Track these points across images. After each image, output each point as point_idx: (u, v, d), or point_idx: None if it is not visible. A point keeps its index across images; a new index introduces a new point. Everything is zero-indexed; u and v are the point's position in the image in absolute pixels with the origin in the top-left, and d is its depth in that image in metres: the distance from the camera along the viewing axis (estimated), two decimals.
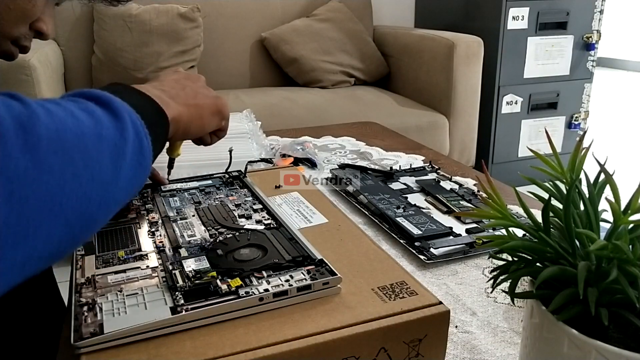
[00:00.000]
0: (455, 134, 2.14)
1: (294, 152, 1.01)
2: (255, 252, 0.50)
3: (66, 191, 0.33)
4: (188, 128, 0.54)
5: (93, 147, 0.36)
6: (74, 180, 0.34)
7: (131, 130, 0.40)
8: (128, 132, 0.39)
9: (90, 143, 0.36)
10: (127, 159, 0.38)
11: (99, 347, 0.39)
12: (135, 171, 0.40)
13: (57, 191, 0.33)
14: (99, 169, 0.36)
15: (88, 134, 0.36)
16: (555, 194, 0.39)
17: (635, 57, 5.62)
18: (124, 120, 0.39)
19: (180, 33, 2.09)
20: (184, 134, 0.55)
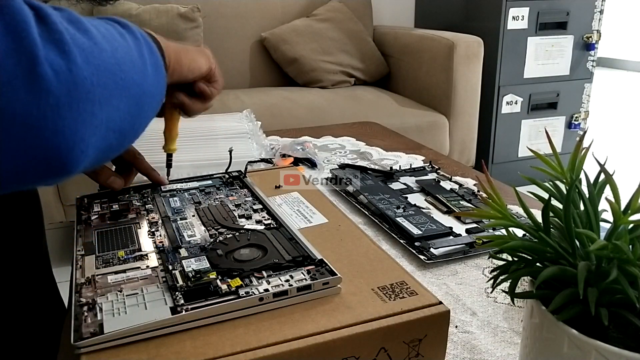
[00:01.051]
0: (455, 134, 2.14)
1: (294, 152, 1.01)
2: (255, 252, 0.50)
3: (123, 68, 0.40)
4: (179, 60, 0.56)
5: (123, 44, 0.42)
6: (124, 64, 0.40)
7: (145, 47, 0.46)
8: (143, 46, 0.45)
9: (120, 40, 0.41)
10: (149, 65, 0.45)
11: (99, 347, 0.39)
12: (156, 78, 0.46)
13: (116, 68, 0.39)
14: (133, 61, 0.42)
15: (124, 56, 0.41)
16: (555, 194, 0.39)
17: (635, 57, 5.62)
18: (138, 38, 0.45)
19: (180, 33, 2.09)
20: (177, 65, 0.56)
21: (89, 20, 0.40)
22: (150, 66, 0.45)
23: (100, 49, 0.38)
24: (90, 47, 0.37)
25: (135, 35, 0.46)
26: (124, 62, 0.41)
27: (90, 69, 0.36)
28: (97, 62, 0.37)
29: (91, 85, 0.36)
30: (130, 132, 0.44)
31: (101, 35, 0.39)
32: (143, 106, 0.44)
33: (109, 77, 0.38)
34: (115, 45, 0.40)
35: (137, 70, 0.43)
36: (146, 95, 0.45)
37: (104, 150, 0.41)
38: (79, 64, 0.35)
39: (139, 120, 0.45)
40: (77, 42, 0.36)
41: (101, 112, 0.38)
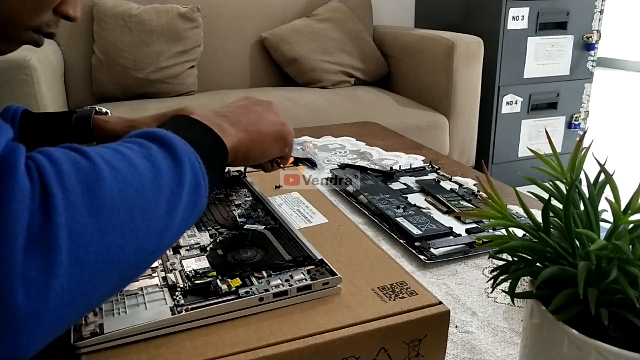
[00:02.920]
0: (455, 134, 2.14)
1: (294, 152, 1.01)
2: (255, 252, 0.50)
3: (125, 248, 0.35)
4: (247, 154, 0.53)
5: (151, 199, 0.37)
6: (132, 236, 0.35)
7: (189, 174, 0.40)
8: (186, 176, 0.40)
9: (149, 195, 0.37)
10: (183, 202, 0.39)
11: (99, 347, 0.39)
12: (190, 212, 0.40)
13: (117, 250, 0.34)
14: (156, 220, 0.37)
15: (147, 187, 0.37)
16: (555, 194, 0.39)
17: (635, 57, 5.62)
18: (183, 164, 0.40)
19: (180, 33, 2.09)
20: (244, 160, 0.54)
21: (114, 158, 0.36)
22: (182, 212, 0.40)
23: (103, 232, 0.33)
24: (89, 235, 0.33)
25: (178, 159, 0.40)
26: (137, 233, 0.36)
27: (75, 272, 0.32)
28: (90, 257, 0.33)
29: (69, 292, 0.32)
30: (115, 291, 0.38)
31: (117, 194, 0.35)
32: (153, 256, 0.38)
33: (102, 265, 0.33)
34: (129, 213, 0.35)
35: (155, 231, 0.37)
36: (162, 247, 0.39)
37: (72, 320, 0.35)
38: (61, 274, 0.31)
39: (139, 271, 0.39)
40: (74, 234, 0.32)
41: (74, 310, 0.33)
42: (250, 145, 0.53)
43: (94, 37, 2.09)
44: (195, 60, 2.16)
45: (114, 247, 0.34)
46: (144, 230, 0.36)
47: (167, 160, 0.40)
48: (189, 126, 0.46)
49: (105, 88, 2.08)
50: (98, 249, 0.33)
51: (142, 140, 0.40)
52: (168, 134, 0.42)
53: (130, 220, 0.35)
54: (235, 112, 0.54)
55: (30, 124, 0.68)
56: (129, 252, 0.35)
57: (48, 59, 1.84)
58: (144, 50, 2.05)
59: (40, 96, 1.66)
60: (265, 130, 0.55)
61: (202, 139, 0.46)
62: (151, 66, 2.05)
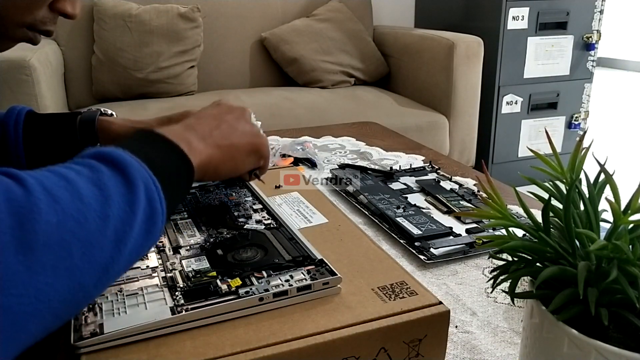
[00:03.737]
0: (455, 134, 2.14)
1: (294, 152, 1.01)
2: (255, 252, 0.50)
3: (57, 287, 0.32)
4: (218, 170, 0.51)
5: (95, 231, 0.34)
6: (68, 274, 0.32)
7: (143, 200, 0.38)
8: (139, 203, 0.37)
9: (92, 228, 0.34)
10: (135, 232, 0.37)
11: (99, 347, 0.39)
12: (143, 241, 0.38)
13: (47, 289, 0.31)
14: (99, 254, 0.34)
15: (92, 219, 0.34)
16: (555, 194, 0.39)
17: (635, 57, 5.62)
18: (137, 190, 0.37)
19: (180, 33, 2.09)
20: (215, 176, 0.52)
21: (56, 186, 0.33)
22: (133, 241, 0.37)
23: (32, 272, 0.30)
24: (13, 275, 0.30)
25: (132, 184, 0.37)
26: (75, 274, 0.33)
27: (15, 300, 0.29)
28: (12, 300, 0.30)
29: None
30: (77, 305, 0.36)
31: (53, 229, 0.32)
32: (96, 290, 0.36)
33: (29, 308, 0.31)
34: (66, 249, 0.32)
35: (98, 265, 0.35)
36: (106, 280, 0.36)
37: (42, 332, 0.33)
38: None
39: (80, 307, 0.36)
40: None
41: (8, 346, 0.30)
42: (221, 160, 0.51)
43: (94, 37, 2.09)
44: (195, 60, 2.16)
45: (43, 287, 0.31)
46: (84, 266, 0.33)
47: (119, 187, 0.37)
48: (151, 143, 0.44)
49: (105, 88, 2.08)
50: (23, 291, 0.30)
51: (94, 162, 0.38)
52: (124, 155, 0.39)
53: (67, 256, 0.32)
54: (205, 124, 0.52)
55: (35, 125, 0.68)
56: (63, 291, 0.32)
57: (48, 59, 1.84)
58: (144, 50, 2.05)
59: (40, 96, 1.66)
60: (237, 144, 0.53)
61: (165, 157, 0.43)
62: (151, 66, 2.05)
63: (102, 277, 0.35)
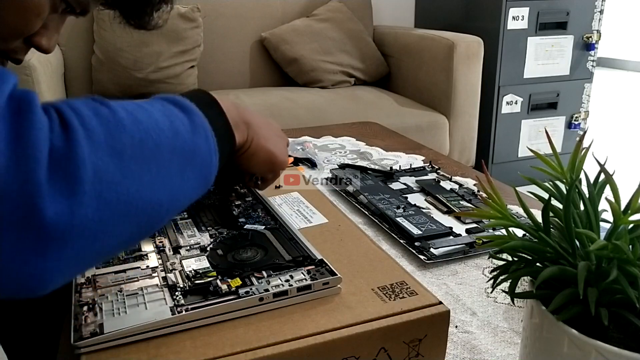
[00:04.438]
0: (455, 134, 2.14)
1: (294, 152, 1.01)
2: (256, 252, 0.50)
3: (142, 196, 0.35)
4: (240, 157, 0.54)
5: (167, 156, 0.38)
6: (150, 187, 0.36)
7: (204, 146, 0.41)
8: (201, 147, 0.41)
9: (165, 153, 0.37)
10: (195, 170, 0.40)
11: (99, 347, 0.39)
12: (199, 182, 0.41)
13: (136, 196, 0.35)
14: (169, 178, 0.38)
15: (165, 144, 0.37)
16: (555, 194, 0.39)
17: (635, 57, 5.62)
18: (199, 135, 0.41)
19: (180, 33, 2.09)
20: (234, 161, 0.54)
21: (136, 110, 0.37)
22: (193, 179, 0.40)
23: (124, 175, 0.34)
24: (111, 174, 0.33)
25: (196, 128, 0.41)
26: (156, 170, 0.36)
27: (97, 205, 0.32)
28: (111, 195, 0.33)
29: (92, 223, 0.32)
30: (133, 241, 0.39)
31: (137, 143, 0.35)
32: (167, 214, 0.39)
33: (122, 207, 0.34)
34: (147, 163, 0.36)
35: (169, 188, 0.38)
36: (175, 207, 0.40)
37: (86, 265, 0.36)
38: (85, 202, 0.32)
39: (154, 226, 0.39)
40: (97, 169, 0.32)
41: (95, 245, 0.34)
42: (246, 150, 0.53)
43: (94, 37, 2.09)
44: (195, 60, 2.16)
45: (133, 192, 0.34)
46: (160, 184, 0.37)
47: (186, 126, 0.40)
48: (208, 104, 0.46)
49: (105, 88, 2.08)
50: (120, 189, 0.33)
51: (164, 102, 0.41)
52: (190, 103, 0.42)
53: (148, 170, 0.36)
54: (253, 117, 0.54)
55: None
56: (147, 202, 0.36)
57: (48, 59, 1.84)
58: (144, 50, 2.05)
59: (40, 96, 1.65)
60: (265, 147, 0.55)
61: (218, 121, 0.46)
62: (151, 66, 2.05)
63: (171, 201, 0.38)
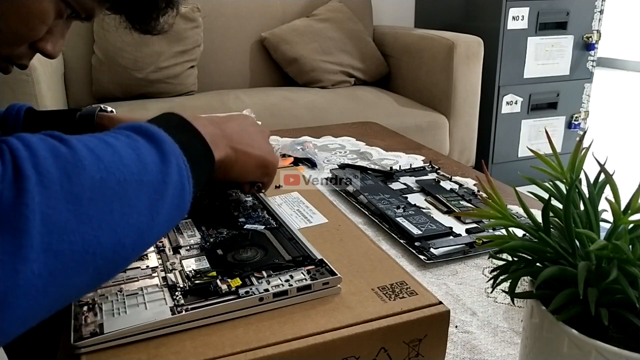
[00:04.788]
0: (455, 134, 2.14)
1: (294, 152, 1.01)
2: (255, 252, 0.50)
3: (101, 241, 0.33)
4: (228, 171, 0.53)
5: (133, 194, 0.36)
6: (111, 230, 0.34)
7: (175, 175, 0.39)
8: (171, 176, 0.39)
9: (131, 190, 0.35)
10: (166, 203, 0.38)
11: (99, 347, 0.39)
12: (172, 214, 0.39)
13: (93, 242, 0.33)
14: (136, 216, 0.36)
15: (131, 180, 0.36)
16: (555, 194, 0.39)
17: (635, 57, 5.62)
18: (170, 164, 0.39)
19: (180, 33, 2.09)
20: (223, 175, 0.53)
21: (98, 146, 0.35)
22: (165, 213, 0.38)
23: (80, 221, 0.32)
24: (64, 222, 0.31)
25: (165, 158, 0.39)
26: (114, 220, 0.34)
27: (46, 258, 0.30)
28: (63, 245, 0.31)
29: (40, 278, 0.30)
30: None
31: (97, 184, 0.33)
32: (133, 253, 0.37)
33: (77, 256, 0.32)
34: (109, 204, 0.34)
35: (135, 227, 0.36)
36: (142, 245, 0.38)
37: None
38: (31, 257, 0.30)
39: (117, 269, 0.37)
40: (48, 219, 0.30)
41: (45, 301, 0.31)
42: (234, 163, 0.52)
43: (94, 37, 2.09)
44: (195, 60, 2.16)
45: (91, 239, 0.32)
46: (124, 225, 0.35)
47: (154, 157, 0.38)
48: (178, 127, 0.45)
49: (105, 88, 2.08)
50: (73, 237, 0.32)
51: (130, 132, 0.39)
52: (158, 130, 0.40)
53: (109, 213, 0.34)
54: (229, 126, 0.53)
55: (34, 122, 0.68)
56: (107, 246, 0.34)
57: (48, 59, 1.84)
58: (144, 50, 2.05)
59: (40, 96, 1.66)
60: (252, 154, 0.55)
61: (192, 142, 0.44)
62: (151, 66, 2.05)
63: (138, 240, 0.36)
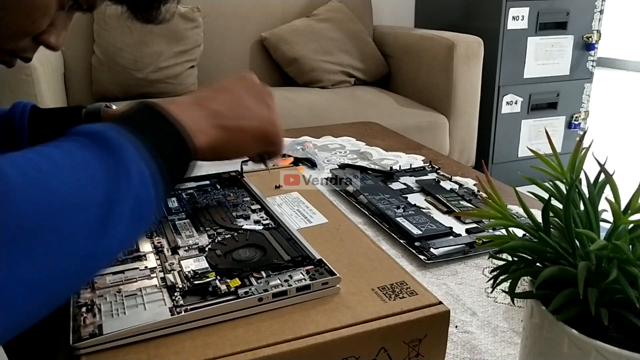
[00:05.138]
0: (455, 134, 2.14)
1: (294, 152, 1.01)
2: (254, 253, 0.50)
3: (36, 277, 0.30)
4: (221, 153, 0.49)
5: (75, 217, 0.32)
6: (47, 264, 0.31)
7: (134, 184, 0.36)
8: (129, 187, 0.35)
9: (72, 213, 0.32)
10: (122, 217, 0.35)
11: (98, 348, 0.38)
12: (131, 227, 0.36)
13: (9, 281, 0.29)
14: (81, 240, 0.33)
15: (73, 203, 0.32)
16: (555, 194, 0.39)
17: (635, 57, 5.62)
18: (127, 173, 0.36)
19: (180, 33, 2.09)
20: (218, 158, 0.50)
21: (38, 166, 0.32)
22: (121, 226, 0.35)
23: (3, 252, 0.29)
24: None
25: (122, 167, 0.36)
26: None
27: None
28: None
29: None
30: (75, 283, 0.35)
31: (29, 213, 0.30)
32: (78, 279, 0.35)
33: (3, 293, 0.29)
34: (40, 236, 0.31)
35: (78, 254, 0.33)
36: (91, 268, 0.35)
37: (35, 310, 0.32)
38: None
39: (69, 293, 0.35)
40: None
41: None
42: (225, 143, 0.48)
43: (94, 37, 2.09)
44: (195, 60, 2.16)
45: (19, 275, 0.29)
46: (62, 254, 0.31)
47: (106, 168, 0.35)
48: (149, 121, 0.42)
49: (105, 88, 2.08)
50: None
51: (84, 140, 0.36)
52: (117, 137, 0.37)
53: (42, 243, 0.30)
54: (218, 101, 0.49)
55: (41, 120, 0.68)
56: (43, 281, 0.31)
57: (48, 59, 1.84)
58: (144, 50, 2.05)
59: (40, 96, 1.66)
60: (246, 127, 0.50)
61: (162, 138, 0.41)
62: (151, 66, 2.05)
63: (85, 265, 0.34)
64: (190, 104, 0.47)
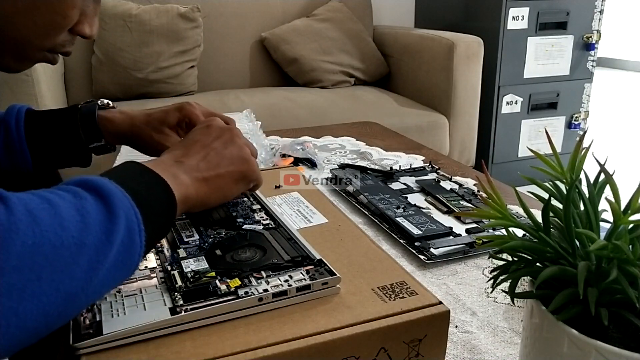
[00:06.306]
0: (455, 134, 2.14)
1: (294, 152, 1.01)
2: (254, 253, 0.50)
3: (19, 312, 0.31)
4: (205, 202, 0.51)
5: (70, 258, 0.34)
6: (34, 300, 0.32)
7: (122, 230, 0.38)
8: (117, 233, 0.37)
9: (67, 255, 0.34)
10: (108, 263, 0.37)
11: (98, 347, 0.38)
12: (116, 272, 0.38)
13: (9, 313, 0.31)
14: (69, 281, 0.34)
15: (68, 244, 0.34)
16: (555, 194, 0.39)
17: (635, 57, 5.62)
18: (117, 219, 0.38)
19: (180, 33, 2.09)
20: (202, 207, 0.52)
21: (39, 207, 0.34)
22: (106, 272, 0.37)
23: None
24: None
25: (113, 214, 0.37)
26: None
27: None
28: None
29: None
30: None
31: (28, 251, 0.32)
32: (59, 319, 0.35)
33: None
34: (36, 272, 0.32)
35: (64, 293, 0.34)
36: (72, 310, 0.36)
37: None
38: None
39: (50, 329, 0.35)
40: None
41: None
42: (208, 192, 0.51)
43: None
44: (195, 60, 2.16)
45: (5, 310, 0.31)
46: (51, 293, 0.33)
47: (100, 215, 0.37)
48: (136, 175, 0.44)
49: (105, 88, 2.08)
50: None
51: (78, 189, 0.38)
52: (108, 184, 0.39)
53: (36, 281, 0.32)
54: (192, 156, 0.52)
55: (37, 122, 0.68)
56: (24, 317, 0.32)
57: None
58: (144, 50, 2.05)
59: (40, 96, 1.66)
60: (224, 173, 0.53)
61: (149, 190, 0.44)
62: (151, 66, 2.05)
63: (68, 305, 0.35)
64: (170, 163, 0.50)
